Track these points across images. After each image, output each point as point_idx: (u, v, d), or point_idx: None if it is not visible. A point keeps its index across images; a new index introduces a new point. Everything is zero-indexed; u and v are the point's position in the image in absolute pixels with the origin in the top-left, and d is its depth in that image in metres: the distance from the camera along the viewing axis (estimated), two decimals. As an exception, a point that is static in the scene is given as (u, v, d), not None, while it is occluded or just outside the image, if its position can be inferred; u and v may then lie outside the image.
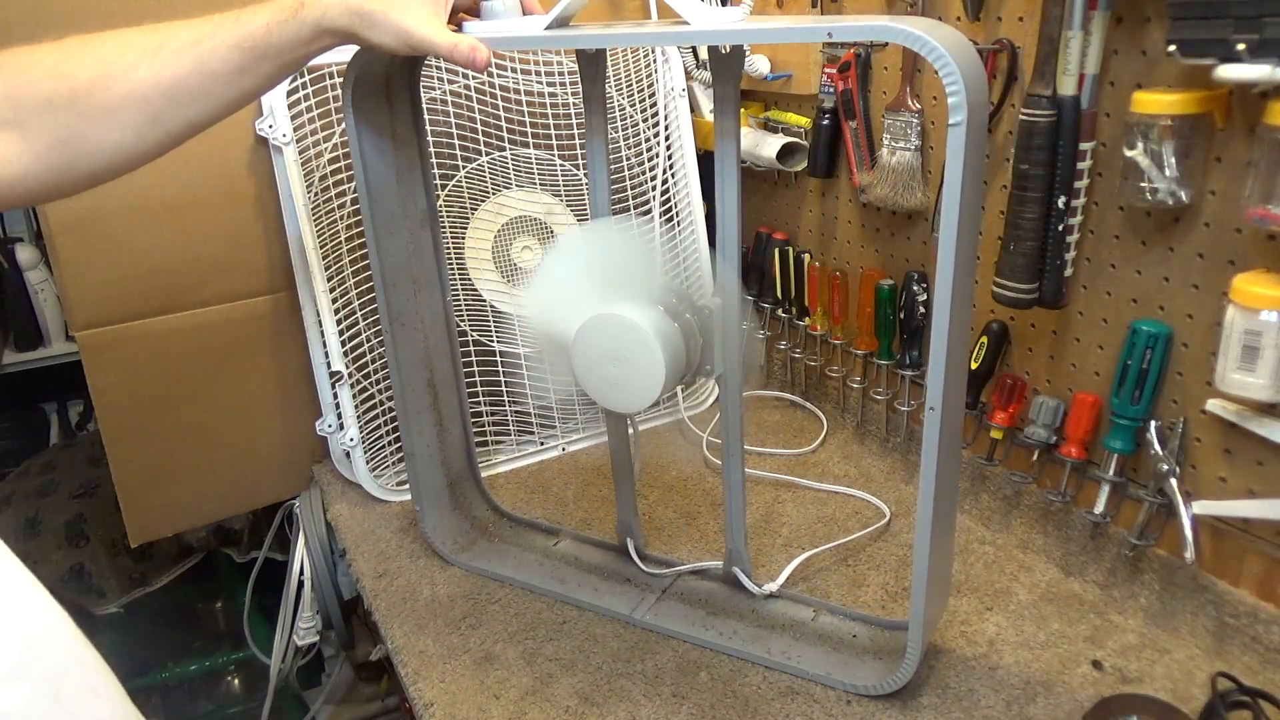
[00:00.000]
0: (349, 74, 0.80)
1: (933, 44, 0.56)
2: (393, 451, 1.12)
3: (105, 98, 0.64)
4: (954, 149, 0.58)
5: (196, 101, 0.67)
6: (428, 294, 0.94)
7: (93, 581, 1.57)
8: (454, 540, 0.98)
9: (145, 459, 1.09)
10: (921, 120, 0.97)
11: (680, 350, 0.74)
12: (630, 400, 0.75)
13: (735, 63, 0.75)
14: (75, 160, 0.66)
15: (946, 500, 0.71)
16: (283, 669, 1.25)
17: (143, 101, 0.66)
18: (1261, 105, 0.65)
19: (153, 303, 1.05)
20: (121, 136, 0.66)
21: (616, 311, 0.72)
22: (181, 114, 0.67)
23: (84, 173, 0.67)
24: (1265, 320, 0.67)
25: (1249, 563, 0.75)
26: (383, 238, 0.87)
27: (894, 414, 1.10)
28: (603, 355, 0.74)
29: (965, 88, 0.56)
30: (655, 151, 1.21)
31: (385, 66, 0.83)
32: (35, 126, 0.63)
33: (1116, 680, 0.76)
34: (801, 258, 1.18)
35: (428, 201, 0.92)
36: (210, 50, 0.66)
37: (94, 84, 0.64)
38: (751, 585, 0.87)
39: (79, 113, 0.64)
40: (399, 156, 0.88)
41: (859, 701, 0.75)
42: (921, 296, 1.02)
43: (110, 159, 0.67)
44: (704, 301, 0.77)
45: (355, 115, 0.82)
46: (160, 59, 0.66)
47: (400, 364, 0.92)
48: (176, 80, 0.66)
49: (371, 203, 0.85)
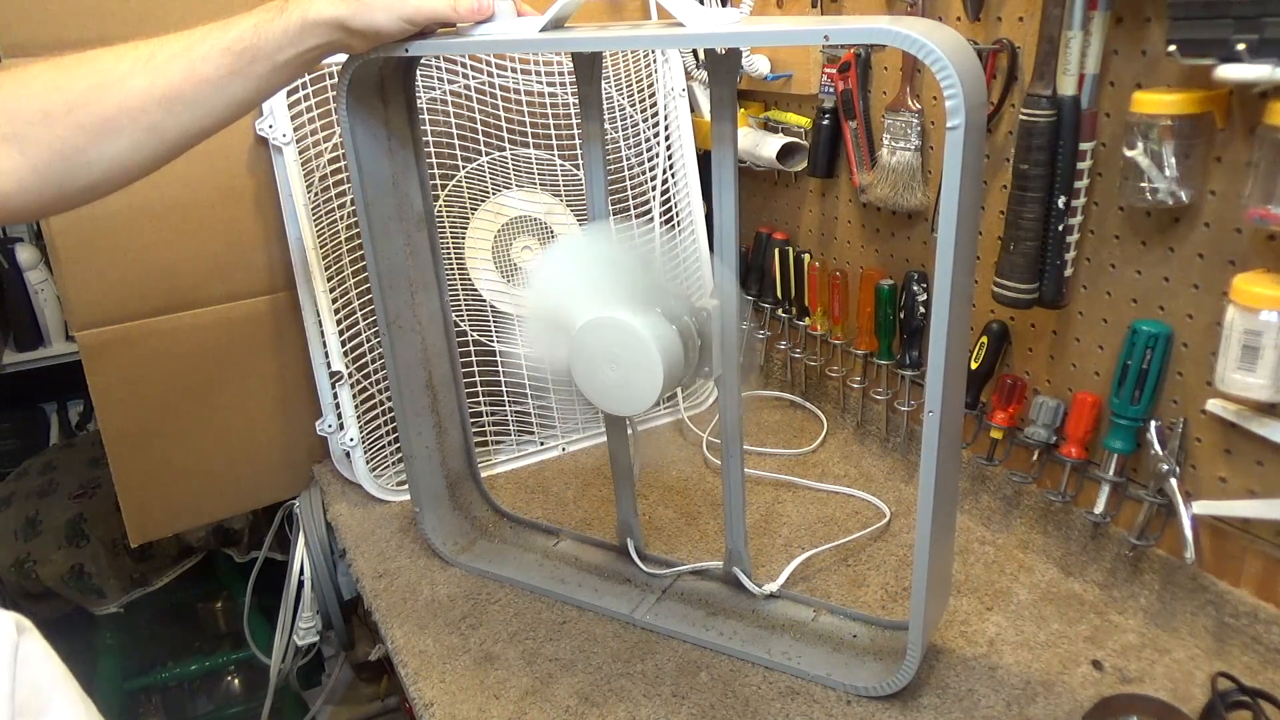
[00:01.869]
0: (344, 75, 0.79)
1: (930, 47, 0.55)
2: (393, 451, 1.12)
3: (101, 108, 0.65)
4: (952, 151, 0.58)
5: (191, 109, 0.67)
6: (425, 296, 0.94)
7: (93, 581, 1.57)
8: (454, 541, 0.98)
9: (145, 459, 1.09)
10: (921, 120, 0.97)
11: (678, 353, 0.74)
12: (628, 403, 0.75)
13: (731, 64, 0.75)
14: (73, 173, 0.65)
15: (947, 500, 0.71)
16: (283, 669, 1.25)
17: (138, 111, 0.66)
18: (1261, 105, 0.65)
19: (153, 303, 1.05)
20: (118, 148, 0.66)
21: (613, 315, 0.72)
22: (177, 122, 0.67)
23: (81, 186, 0.67)
24: (1265, 320, 0.67)
25: (1249, 563, 0.75)
26: (379, 240, 0.87)
27: (894, 414, 1.10)
28: (600, 358, 0.74)
29: (963, 91, 0.56)
30: (655, 152, 1.21)
31: (380, 68, 0.83)
32: (33, 140, 0.63)
33: (1116, 680, 0.76)
34: (801, 258, 1.18)
35: (424, 204, 0.92)
36: (201, 56, 0.66)
37: (89, 95, 0.64)
38: (752, 585, 0.87)
39: (76, 124, 0.64)
40: (395, 159, 0.88)
41: (859, 702, 0.75)
42: (921, 296, 1.02)
43: (107, 171, 0.67)
44: (702, 303, 0.77)
45: (351, 118, 0.81)
46: (152, 67, 0.66)
47: (398, 366, 0.92)
48: (170, 87, 0.66)
49: (368, 205, 0.85)
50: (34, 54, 0.93)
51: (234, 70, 0.67)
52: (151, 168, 0.70)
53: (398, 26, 0.69)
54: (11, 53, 0.92)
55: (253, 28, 0.67)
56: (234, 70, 0.67)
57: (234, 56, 0.67)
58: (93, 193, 0.68)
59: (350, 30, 0.69)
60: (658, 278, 0.75)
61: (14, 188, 0.63)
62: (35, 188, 0.64)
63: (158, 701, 1.72)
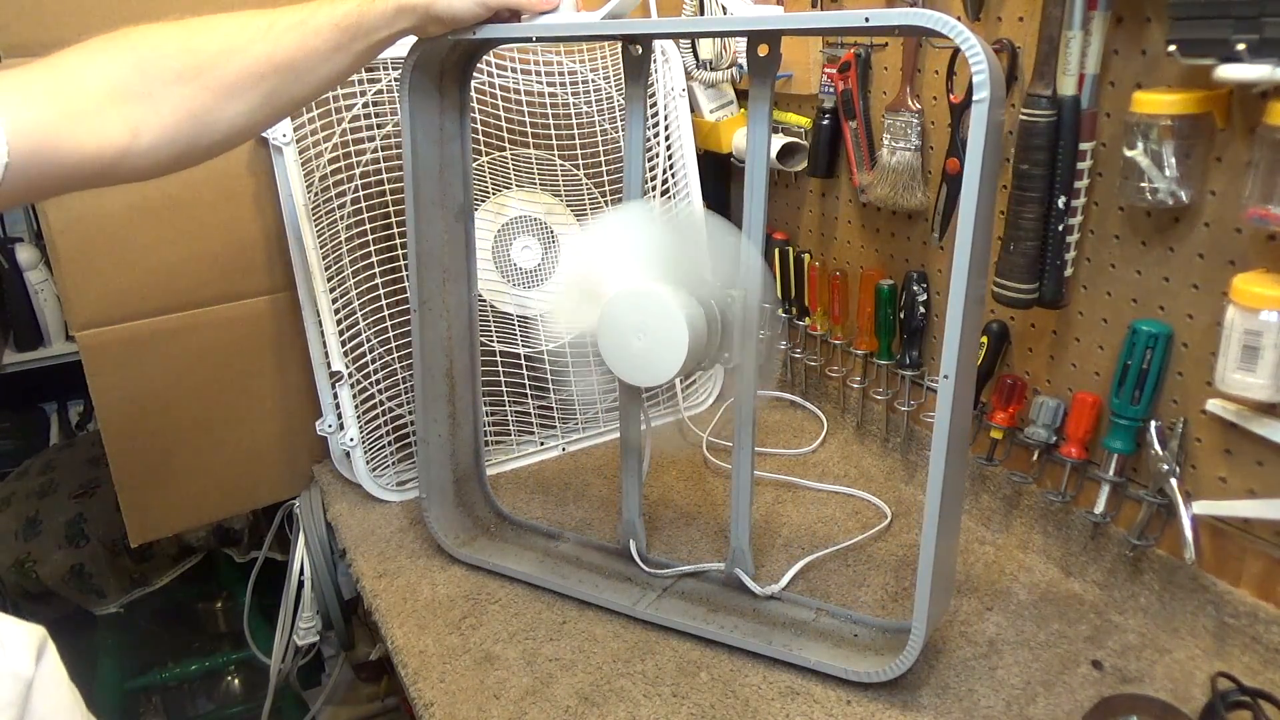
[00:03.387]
0: (410, 58, 0.84)
1: (965, 31, 0.61)
2: (393, 451, 1.12)
3: (226, 72, 0.69)
4: (977, 121, 0.62)
5: (301, 78, 0.72)
6: (455, 285, 0.97)
7: (93, 581, 1.57)
8: (456, 535, 0.99)
9: (145, 459, 1.09)
10: (921, 120, 0.97)
11: (702, 330, 0.77)
12: (651, 373, 0.77)
13: (771, 65, 0.78)
14: (201, 133, 0.69)
15: (954, 486, 0.72)
16: (283, 669, 1.25)
17: (258, 77, 0.70)
18: (1261, 105, 0.65)
19: (153, 303, 1.05)
20: (237, 110, 0.70)
21: (648, 286, 0.75)
22: (288, 89, 0.72)
23: (206, 145, 0.71)
24: (1265, 320, 0.67)
25: (1249, 563, 0.76)
26: (421, 223, 0.91)
27: (894, 414, 1.10)
28: (628, 327, 0.77)
29: (988, 68, 0.62)
30: (655, 151, 1.21)
31: (441, 59, 0.87)
32: (166, 100, 0.67)
33: (1116, 680, 0.76)
34: (801, 258, 1.18)
35: (465, 199, 0.95)
36: (314, 29, 0.72)
37: (218, 59, 0.68)
38: (754, 586, 0.87)
39: (204, 85, 0.68)
40: (445, 149, 0.92)
41: (859, 701, 0.75)
42: (921, 296, 1.02)
43: (227, 132, 0.71)
44: (731, 291, 0.79)
45: (411, 101, 0.86)
46: (272, 36, 0.70)
47: (424, 348, 0.94)
48: (287, 56, 0.71)
49: (416, 184, 0.89)
50: (34, 54, 0.92)
51: (338, 45, 0.73)
52: (259, 131, 0.75)
53: (475, 13, 0.76)
54: (12, 53, 0.92)
55: (357, 6, 0.73)
56: (338, 45, 0.73)
57: (340, 32, 0.72)
58: (213, 151, 0.72)
59: (433, 16, 0.75)
60: (695, 259, 0.78)
61: (148, 145, 0.66)
62: (167, 144, 0.67)
63: (158, 702, 1.72)
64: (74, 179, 0.63)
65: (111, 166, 0.64)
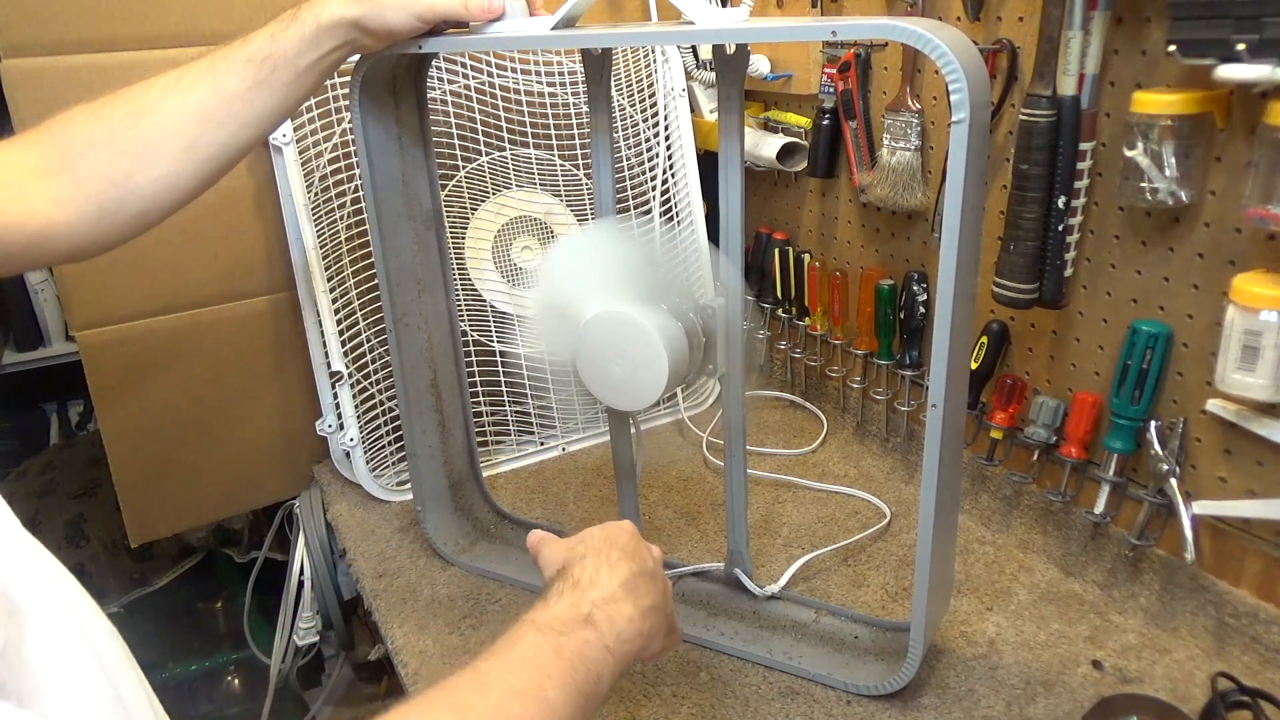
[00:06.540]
0: (356, 73, 0.80)
1: (936, 42, 0.56)
2: (393, 451, 1.12)
3: (139, 132, 0.67)
4: (956, 146, 0.58)
5: (224, 124, 0.69)
6: (431, 295, 0.94)
7: (93, 581, 1.57)
8: (455, 541, 0.98)
9: (145, 459, 1.09)
10: (921, 120, 0.97)
11: (683, 349, 0.74)
12: (633, 398, 0.75)
13: (739, 64, 0.75)
14: (124, 200, 0.67)
15: (948, 500, 0.71)
16: (283, 669, 1.25)
17: (174, 131, 0.68)
18: (1261, 105, 0.65)
19: (153, 303, 1.05)
20: (161, 171, 0.68)
21: (620, 310, 0.72)
22: (214, 139, 0.69)
23: (133, 213, 0.68)
24: (1265, 320, 0.67)
25: (1249, 563, 0.76)
26: (388, 237, 0.87)
27: (894, 414, 1.10)
28: (606, 353, 0.74)
29: (967, 85, 0.56)
30: (655, 151, 1.21)
31: (393, 66, 0.83)
32: (83, 169, 0.66)
33: (1116, 680, 0.76)
34: (801, 258, 1.18)
35: (434, 202, 0.92)
36: (225, 70, 0.69)
37: (126, 121, 0.67)
38: (753, 587, 0.87)
39: (118, 150, 0.66)
40: (406, 157, 0.88)
41: (859, 702, 0.75)
42: (921, 296, 1.02)
43: (155, 196, 0.69)
44: (707, 301, 0.77)
45: (363, 114, 0.82)
46: (181, 88, 0.68)
47: (404, 364, 0.92)
48: (200, 105, 0.68)
49: (378, 202, 0.85)
50: (34, 54, 0.93)
51: (258, 80, 0.69)
52: (198, 188, 0.71)
53: (410, 25, 0.71)
54: (11, 53, 0.92)
55: (269, 37, 0.69)
56: (258, 80, 0.69)
57: (255, 66, 0.69)
58: (144, 219, 0.70)
59: (364, 30, 0.71)
60: (665, 274, 0.75)
61: (73, 218, 0.65)
62: (92, 216, 0.66)
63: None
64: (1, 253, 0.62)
65: (37, 241, 0.64)
